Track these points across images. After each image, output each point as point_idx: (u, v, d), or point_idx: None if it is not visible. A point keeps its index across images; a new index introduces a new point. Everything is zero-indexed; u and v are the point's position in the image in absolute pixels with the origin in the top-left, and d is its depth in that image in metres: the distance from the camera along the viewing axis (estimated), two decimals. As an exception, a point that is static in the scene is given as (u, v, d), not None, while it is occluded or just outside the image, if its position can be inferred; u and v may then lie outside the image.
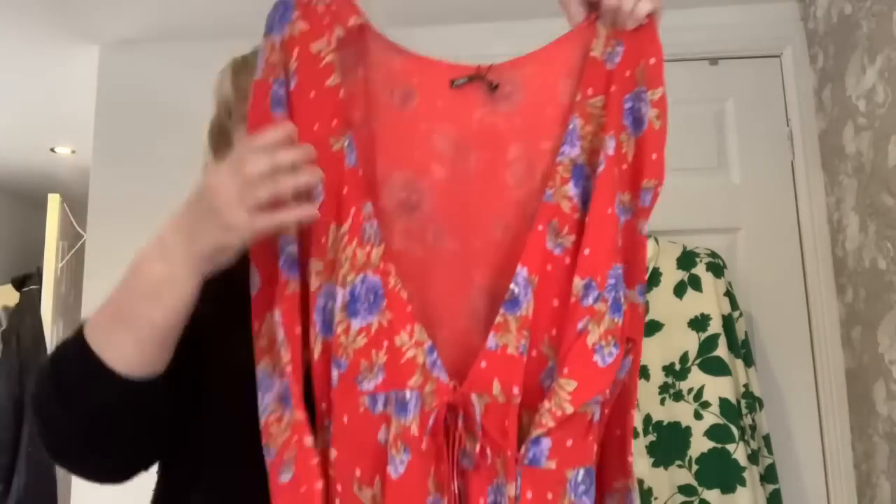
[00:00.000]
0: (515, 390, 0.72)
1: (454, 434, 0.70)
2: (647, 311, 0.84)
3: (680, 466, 1.72)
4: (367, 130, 0.80)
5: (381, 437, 0.72)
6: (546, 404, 0.71)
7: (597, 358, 0.73)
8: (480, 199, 0.79)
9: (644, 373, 1.79)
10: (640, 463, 1.73)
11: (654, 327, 1.82)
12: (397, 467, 0.70)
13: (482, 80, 0.82)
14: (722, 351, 1.76)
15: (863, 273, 1.75)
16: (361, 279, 0.74)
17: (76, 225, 3.28)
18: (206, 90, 2.64)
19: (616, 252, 0.76)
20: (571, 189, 0.78)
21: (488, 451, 0.70)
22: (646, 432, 1.74)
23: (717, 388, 1.73)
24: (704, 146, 2.07)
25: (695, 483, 1.70)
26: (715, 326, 1.78)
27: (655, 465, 1.73)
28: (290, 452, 0.71)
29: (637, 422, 1.75)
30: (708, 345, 1.77)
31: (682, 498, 1.70)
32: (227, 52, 2.61)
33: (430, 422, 0.70)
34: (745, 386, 1.76)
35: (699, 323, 1.80)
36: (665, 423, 1.74)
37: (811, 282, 1.96)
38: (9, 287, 3.57)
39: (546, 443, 0.72)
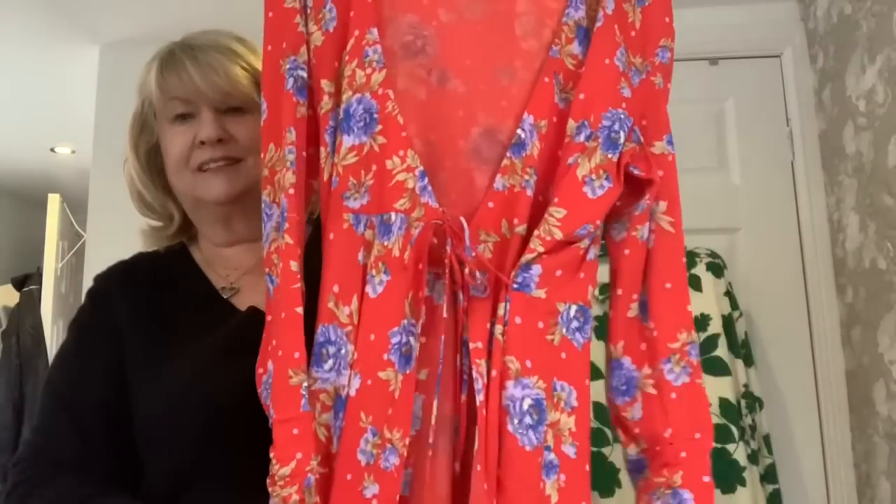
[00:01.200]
0: (516, 221, 0.74)
1: (446, 260, 0.72)
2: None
3: (680, 466, 1.72)
4: (374, -34, 0.81)
5: (360, 257, 0.73)
6: (536, 231, 0.73)
7: (586, 189, 0.75)
8: (487, 45, 0.80)
9: (644, 373, 1.79)
10: (640, 463, 1.73)
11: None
12: (375, 287, 0.72)
13: None
14: (722, 351, 1.76)
15: (863, 273, 1.75)
16: (357, 99, 0.74)
17: (76, 225, 3.28)
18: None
19: (616, 98, 0.77)
20: (576, 48, 0.79)
21: (479, 278, 0.71)
22: (646, 432, 1.74)
23: (717, 388, 1.73)
24: (704, 146, 2.07)
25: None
26: (715, 326, 1.78)
27: (655, 465, 1.72)
28: (282, 278, 0.73)
29: (637, 422, 1.75)
30: (708, 345, 1.77)
31: (682, 498, 1.70)
32: (227, 52, 2.58)
33: (409, 246, 0.71)
34: (745, 386, 1.76)
35: (699, 323, 1.79)
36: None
37: (811, 282, 1.96)
38: (9, 287, 3.58)
39: (536, 269, 0.73)
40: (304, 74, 0.78)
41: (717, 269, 1.83)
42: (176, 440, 0.87)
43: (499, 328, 0.71)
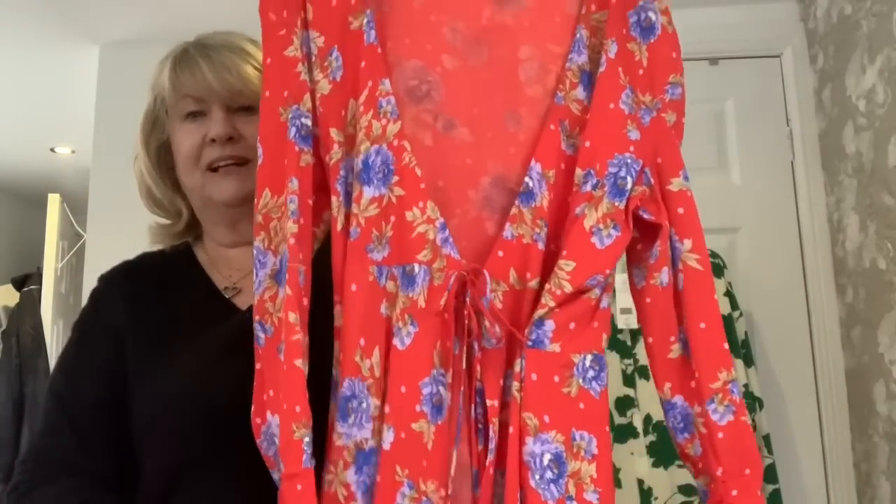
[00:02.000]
0: (529, 275, 0.74)
1: (464, 311, 0.72)
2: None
3: (680, 466, 1.72)
4: (380, 13, 0.80)
5: (383, 309, 0.73)
6: (547, 286, 0.73)
7: (594, 240, 0.74)
8: (492, 92, 0.79)
9: (644, 373, 1.79)
10: (640, 463, 1.73)
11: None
12: (403, 339, 0.71)
13: None
14: None
15: (863, 273, 1.75)
16: (376, 150, 0.74)
17: (76, 225, 3.28)
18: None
19: (622, 143, 0.77)
20: (580, 93, 0.79)
21: (498, 331, 0.71)
22: (646, 432, 1.74)
23: (717, 388, 1.73)
24: (704, 146, 2.07)
25: (695, 483, 1.70)
26: None
27: (655, 465, 1.73)
28: (283, 329, 0.72)
29: (637, 422, 1.75)
30: None
31: (682, 498, 1.70)
32: (227, 52, 2.56)
33: (445, 294, 0.72)
34: (745, 386, 1.75)
35: None
36: (665, 424, 1.74)
37: (811, 282, 1.96)
38: (9, 287, 3.58)
39: (549, 325, 0.73)
40: (309, 123, 0.77)
41: (717, 269, 1.83)
42: (174, 437, 0.87)
43: (515, 384, 0.72)
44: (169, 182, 1.01)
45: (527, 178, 0.75)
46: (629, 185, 0.76)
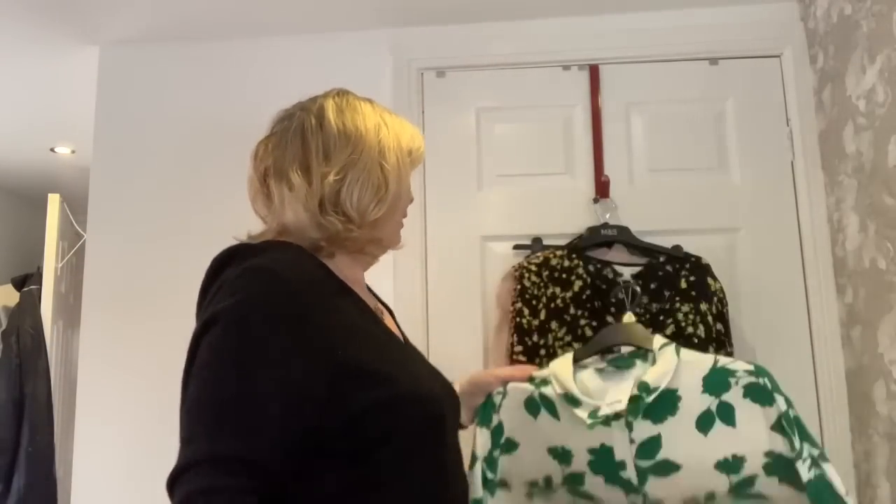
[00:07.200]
0: None
1: None
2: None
3: (680, 466, 1.69)
4: None
5: None
6: None
7: None
8: None
9: (644, 373, 1.77)
10: None
11: (667, 468, 1.21)
12: None
13: None
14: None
15: (863, 273, 1.75)
16: None
17: (76, 225, 3.28)
18: (205, 89, 2.61)
19: None
20: None
21: None
22: None
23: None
24: (704, 146, 2.07)
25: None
26: (753, 468, 1.17)
27: None
28: None
29: None
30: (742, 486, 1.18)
31: (682, 498, 1.67)
32: (226, 52, 2.60)
33: None
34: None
35: (730, 465, 1.18)
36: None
37: (811, 282, 1.96)
38: (9, 287, 3.58)
39: None
40: None
41: (760, 393, 1.25)
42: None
43: None
44: None
45: None
46: None
